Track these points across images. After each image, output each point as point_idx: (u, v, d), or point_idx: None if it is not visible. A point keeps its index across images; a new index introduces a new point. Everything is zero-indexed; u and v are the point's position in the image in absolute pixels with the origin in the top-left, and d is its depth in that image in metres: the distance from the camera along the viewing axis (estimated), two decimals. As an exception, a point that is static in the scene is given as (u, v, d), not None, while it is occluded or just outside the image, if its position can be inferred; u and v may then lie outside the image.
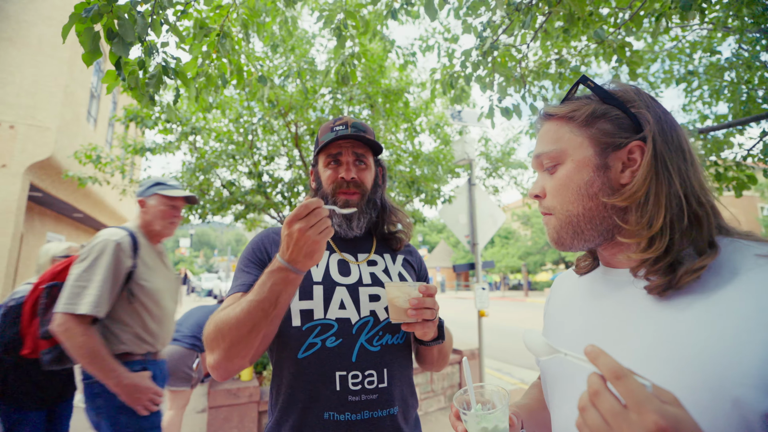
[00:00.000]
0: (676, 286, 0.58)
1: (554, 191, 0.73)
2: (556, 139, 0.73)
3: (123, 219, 13.46)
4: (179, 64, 2.02)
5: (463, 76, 2.80)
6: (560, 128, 0.74)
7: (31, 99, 7.09)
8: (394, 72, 5.47)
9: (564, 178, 0.71)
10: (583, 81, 0.76)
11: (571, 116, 0.72)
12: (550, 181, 0.74)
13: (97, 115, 10.23)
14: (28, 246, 8.72)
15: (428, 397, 4.82)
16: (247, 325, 0.94)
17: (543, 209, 0.76)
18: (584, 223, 0.70)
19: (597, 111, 0.70)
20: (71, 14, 1.43)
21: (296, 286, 0.98)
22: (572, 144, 0.71)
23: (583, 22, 2.29)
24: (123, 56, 1.64)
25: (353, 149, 1.23)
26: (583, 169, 0.70)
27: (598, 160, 0.69)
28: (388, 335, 1.15)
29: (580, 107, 0.71)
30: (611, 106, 0.70)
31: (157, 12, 1.73)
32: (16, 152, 6.82)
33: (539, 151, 0.76)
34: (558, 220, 0.73)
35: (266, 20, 3.17)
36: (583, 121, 0.70)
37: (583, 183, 0.69)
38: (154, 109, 4.67)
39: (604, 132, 0.69)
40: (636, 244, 0.64)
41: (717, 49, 4.62)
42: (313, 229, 0.91)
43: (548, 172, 0.75)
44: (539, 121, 0.80)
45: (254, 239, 1.26)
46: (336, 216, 1.22)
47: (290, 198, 5.32)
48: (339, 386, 1.05)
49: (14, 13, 7.32)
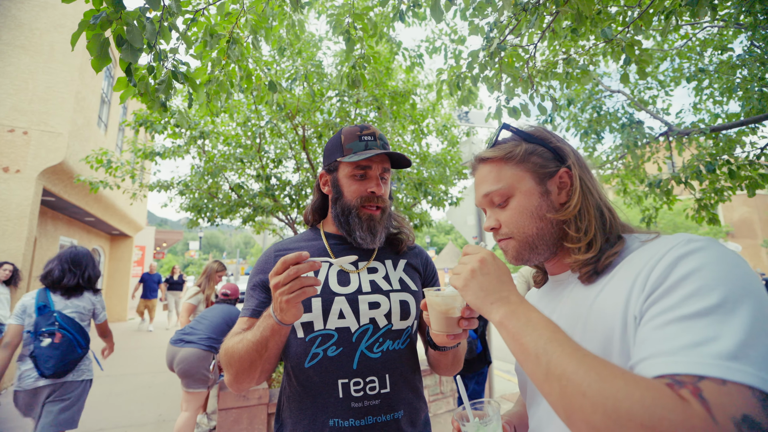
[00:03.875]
0: (599, 270, 0.76)
1: (510, 220, 0.86)
2: (500, 178, 0.86)
3: (133, 222, 13.62)
4: (189, 69, 2.04)
5: (470, 77, 2.79)
6: (501, 168, 0.87)
7: (43, 105, 7.20)
8: (401, 74, 5.47)
9: (518, 207, 0.84)
10: (505, 127, 0.92)
11: (509, 157, 0.86)
12: (503, 213, 0.87)
13: (107, 121, 10.36)
14: (42, 250, 8.85)
15: (437, 399, 4.79)
16: (247, 361, 1.02)
17: (501, 236, 0.88)
18: (538, 240, 0.84)
19: (528, 149, 0.85)
20: (80, 21, 1.45)
21: (283, 335, 1.00)
22: (516, 179, 0.85)
23: (591, 21, 2.27)
24: (133, 63, 1.66)
25: (382, 164, 1.23)
26: (531, 197, 0.84)
27: (540, 188, 0.84)
28: (389, 341, 1.15)
29: (514, 148, 0.86)
30: (536, 144, 0.86)
31: (166, 18, 1.75)
32: (29, 158, 6.92)
33: (488, 190, 0.88)
34: (518, 242, 0.86)
35: (273, 24, 3.19)
36: (520, 159, 0.85)
37: (534, 208, 0.83)
38: (163, 114, 4.72)
39: (538, 165, 0.84)
40: (576, 249, 0.80)
41: (729, 47, 4.55)
42: (284, 289, 0.88)
43: (499, 207, 0.88)
44: (474, 166, 0.94)
45: (260, 259, 1.27)
46: (361, 228, 1.21)
47: (298, 201, 5.34)
48: (342, 393, 1.08)
49: (27, 21, 7.45)
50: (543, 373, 0.59)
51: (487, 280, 0.73)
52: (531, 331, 0.63)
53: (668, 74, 6.33)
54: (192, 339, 3.47)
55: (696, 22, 4.51)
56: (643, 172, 6.00)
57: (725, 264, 0.59)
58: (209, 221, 5.56)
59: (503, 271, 0.75)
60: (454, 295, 0.93)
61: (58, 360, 2.66)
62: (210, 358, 3.51)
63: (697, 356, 0.50)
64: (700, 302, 0.55)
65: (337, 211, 1.24)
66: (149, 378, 6.29)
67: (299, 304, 0.92)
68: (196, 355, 3.41)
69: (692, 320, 0.54)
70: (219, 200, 5.45)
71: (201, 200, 5.50)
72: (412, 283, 1.27)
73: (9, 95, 7.04)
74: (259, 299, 1.18)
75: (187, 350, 3.41)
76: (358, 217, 1.20)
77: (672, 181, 4.38)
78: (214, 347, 3.51)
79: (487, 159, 0.89)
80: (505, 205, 0.86)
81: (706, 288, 0.56)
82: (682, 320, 0.54)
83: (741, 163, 4.04)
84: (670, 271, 0.61)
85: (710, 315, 0.53)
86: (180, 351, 3.43)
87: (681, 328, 0.54)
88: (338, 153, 1.24)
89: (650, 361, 0.55)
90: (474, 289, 0.73)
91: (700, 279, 0.57)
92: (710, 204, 4.81)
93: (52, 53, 7.46)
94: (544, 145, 0.86)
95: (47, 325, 2.69)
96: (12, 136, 6.94)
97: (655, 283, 0.61)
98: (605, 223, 0.80)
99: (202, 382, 3.45)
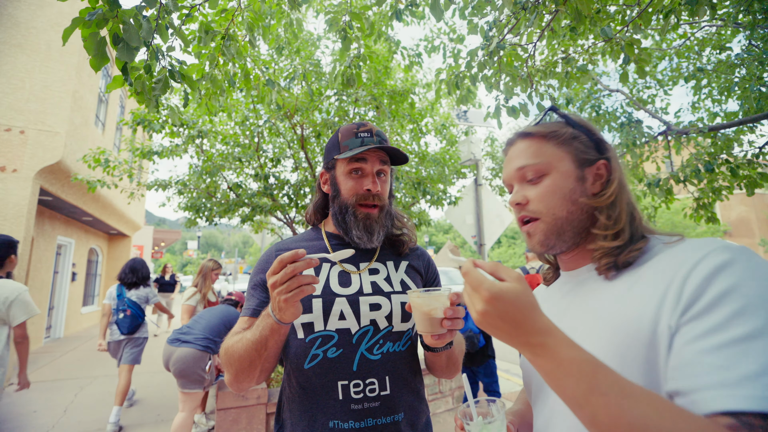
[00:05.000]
0: (620, 264, 0.75)
1: (541, 198, 0.83)
2: (540, 154, 0.84)
3: (131, 222, 13.58)
4: (185, 67, 2.02)
5: (468, 76, 2.78)
6: (542, 145, 0.85)
7: (40, 104, 7.17)
8: (399, 73, 5.45)
9: (552, 186, 0.82)
10: (553, 109, 0.91)
11: (554, 135, 0.84)
12: (534, 189, 0.84)
13: (105, 120, 10.33)
14: (39, 250, 8.82)
15: (436, 398, 4.79)
16: (246, 361, 1.01)
17: (526, 214, 0.85)
18: (567, 225, 0.82)
19: (573, 133, 0.85)
20: (74, 18, 1.43)
21: (283, 334, 0.99)
22: (555, 158, 0.83)
23: (590, 20, 2.26)
24: (129, 62, 1.64)
25: (379, 159, 1.21)
26: (567, 179, 0.82)
27: (578, 172, 0.83)
28: (389, 343, 1.14)
29: (560, 128, 0.85)
30: (580, 131, 0.85)
31: (163, 16, 1.74)
32: (26, 157, 6.89)
33: (524, 163, 0.85)
34: (545, 224, 0.83)
35: (271, 23, 3.18)
36: (564, 140, 0.84)
37: (568, 190, 0.81)
38: (161, 113, 4.70)
39: (579, 150, 0.83)
40: (603, 237, 0.79)
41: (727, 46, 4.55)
42: (282, 288, 0.87)
43: (530, 183, 0.85)
44: (511, 141, 0.91)
45: (261, 258, 1.26)
46: (356, 230, 1.19)
47: (296, 200, 5.33)
48: (341, 395, 1.07)
49: (24, 20, 7.41)
50: (588, 419, 0.54)
51: (502, 323, 0.61)
52: (563, 376, 0.55)
53: (667, 73, 6.33)
54: (188, 339, 3.45)
55: (694, 21, 4.51)
56: (641, 171, 6.00)
57: (766, 278, 0.56)
58: (207, 221, 5.54)
59: (517, 307, 0.59)
60: (436, 296, 0.92)
61: (129, 325, 4.46)
62: (206, 358, 3.48)
63: (763, 389, 0.47)
64: (748, 323, 0.52)
65: (335, 209, 1.23)
66: (147, 378, 6.28)
67: (298, 302, 0.91)
68: (191, 355, 3.38)
69: (743, 344, 0.51)
70: (217, 199, 5.44)
71: (199, 200, 5.48)
72: (414, 285, 1.26)
73: (6, 94, 7.01)
74: (260, 299, 1.17)
75: (183, 350, 3.39)
76: (354, 216, 1.19)
77: (671, 180, 4.38)
78: (210, 347, 3.49)
79: (529, 134, 0.87)
80: (537, 182, 0.84)
81: (751, 307, 0.53)
82: (731, 344, 0.51)
83: (740, 162, 4.04)
84: (708, 284, 0.58)
85: (760, 338, 0.50)
86: (176, 351, 3.40)
87: (733, 354, 0.51)
88: (335, 150, 1.23)
89: (706, 393, 0.50)
90: (492, 331, 0.63)
91: (742, 297, 0.54)
92: (708, 203, 4.81)
93: (49, 52, 7.43)
94: (587, 134, 0.85)
95: (122, 305, 4.50)
96: (9, 135, 6.91)
97: (692, 297, 0.58)
98: (633, 220, 0.80)
99: (198, 382, 3.42)
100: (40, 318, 9.15)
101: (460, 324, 0.93)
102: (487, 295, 0.58)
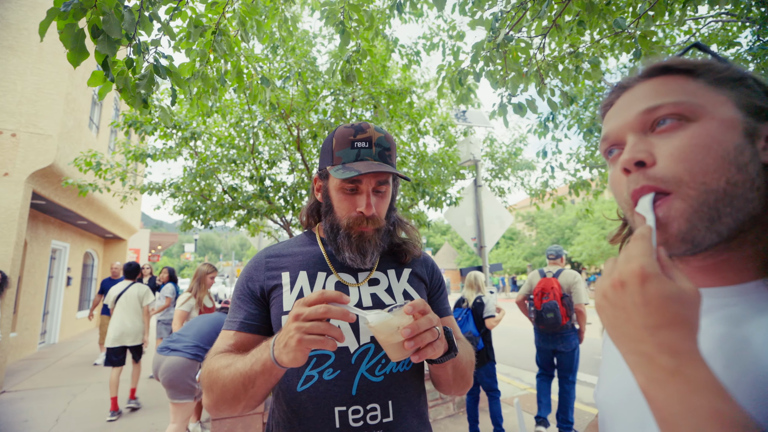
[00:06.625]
0: None
1: (680, 155, 0.50)
2: (685, 92, 0.52)
3: (127, 225, 13.43)
4: (172, 63, 1.91)
5: (472, 72, 2.67)
6: (688, 83, 0.53)
7: (32, 107, 7.04)
8: (397, 72, 5.36)
9: (703, 137, 0.49)
10: (697, 45, 0.61)
11: (708, 70, 0.54)
12: (668, 141, 0.51)
13: (99, 122, 10.19)
14: (33, 254, 8.68)
15: (437, 404, 4.68)
16: (230, 392, 0.90)
17: (649, 182, 0.51)
18: (724, 205, 0.48)
19: (740, 72, 0.53)
20: (49, 9, 1.32)
21: (274, 377, 0.86)
22: (710, 100, 0.51)
23: (598, 13, 2.16)
24: (110, 55, 1.53)
25: (375, 177, 1.04)
26: (728, 130, 0.49)
27: (747, 122, 0.50)
28: (392, 363, 1.02)
29: (715, 64, 0.54)
30: (746, 77, 0.54)
31: (147, 8, 1.62)
32: (18, 160, 6.76)
33: (655, 103, 0.53)
34: (688, 199, 0.49)
35: (265, 21, 3.07)
36: (722, 80, 0.53)
37: (732, 148, 0.48)
38: (153, 114, 4.58)
39: (749, 96, 0.52)
40: None
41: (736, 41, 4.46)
42: (306, 326, 0.76)
43: (661, 132, 0.53)
44: (630, 83, 0.59)
45: (246, 267, 1.14)
46: (349, 253, 1.07)
47: (293, 203, 5.22)
48: (338, 423, 0.94)
49: (15, 21, 7.28)
50: None
51: (623, 314, 0.42)
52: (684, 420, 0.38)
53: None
54: (177, 347, 3.29)
55: (698, 17, 4.43)
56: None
57: None
58: (203, 224, 5.42)
59: (660, 302, 0.40)
60: (386, 321, 0.80)
61: None
62: (196, 367, 3.32)
63: None
64: None
65: (327, 226, 1.10)
66: (142, 385, 6.14)
67: (308, 352, 0.78)
68: (180, 364, 3.22)
69: None
70: (212, 202, 5.33)
71: (194, 203, 5.37)
72: (417, 295, 1.13)
73: (-4, 96, 6.88)
74: (248, 311, 1.05)
75: (172, 359, 3.24)
76: (347, 237, 1.05)
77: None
78: (200, 356, 3.33)
79: (668, 69, 0.56)
80: (675, 129, 0.51)
81: None
82: None
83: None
84: None
85: None
86: (165, 360, 3.25)
87: None
88: (328, 159, 1.07)
89: None
90: (604, 321, 0.45)
91: None
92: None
93: (41, 54, 7.30)
94: (756, 81, 0.53)
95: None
96: (0, 138, 6.78)
97: None
98: None
99: (188, 392, 3.27)
100: (34, 323, 9.01)
101: (428, 337, 0.80)
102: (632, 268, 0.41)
